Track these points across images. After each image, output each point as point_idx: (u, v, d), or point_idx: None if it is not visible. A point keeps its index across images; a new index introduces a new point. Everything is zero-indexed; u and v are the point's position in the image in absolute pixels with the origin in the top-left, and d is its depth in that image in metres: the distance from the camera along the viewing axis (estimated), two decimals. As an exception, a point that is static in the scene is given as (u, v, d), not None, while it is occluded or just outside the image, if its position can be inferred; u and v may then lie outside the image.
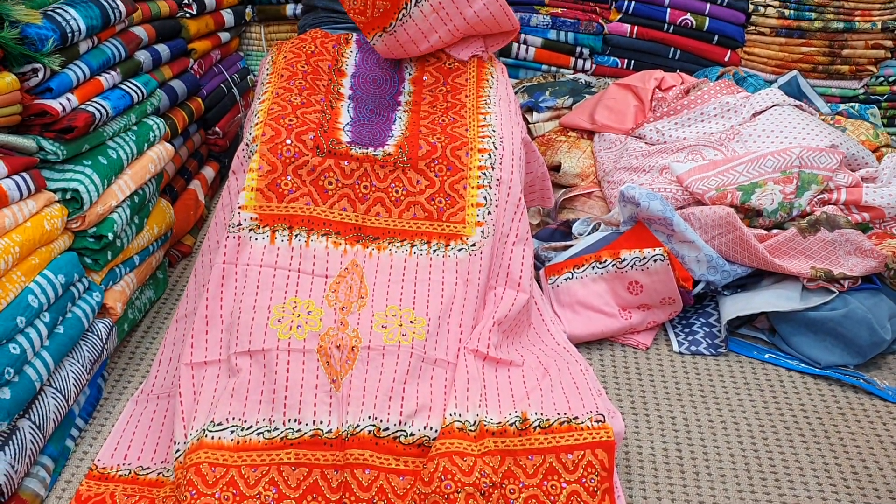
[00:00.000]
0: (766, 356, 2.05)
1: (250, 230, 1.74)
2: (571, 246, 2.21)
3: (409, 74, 2.08)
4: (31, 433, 1.46)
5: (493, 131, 1.92)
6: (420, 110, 1.98)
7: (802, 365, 2.01)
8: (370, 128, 1.91)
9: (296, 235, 1.76)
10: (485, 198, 1.85)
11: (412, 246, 1.80)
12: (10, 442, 1.41)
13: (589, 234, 2.24)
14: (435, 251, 1.79)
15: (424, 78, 2.08)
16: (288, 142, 1.81)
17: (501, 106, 2.02)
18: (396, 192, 1.85)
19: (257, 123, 1.85)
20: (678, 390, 1.92)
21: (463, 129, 1.92)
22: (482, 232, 1.82)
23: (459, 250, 1.80)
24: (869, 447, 1.78)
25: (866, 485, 1.68)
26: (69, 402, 1.58)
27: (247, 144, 1.85)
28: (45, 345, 1.52)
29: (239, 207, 1.76)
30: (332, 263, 1.74)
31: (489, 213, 1.84)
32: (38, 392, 1.50)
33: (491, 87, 2.05)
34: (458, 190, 1.86)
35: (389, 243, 1.80)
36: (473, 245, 1.80)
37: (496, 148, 1.88)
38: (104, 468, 1.58)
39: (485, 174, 1.87)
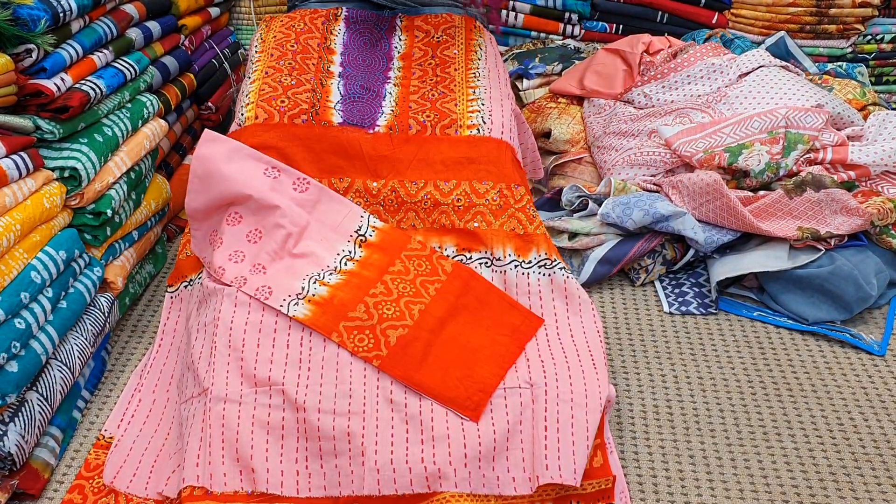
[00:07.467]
0: (755, 314, 2.09)
1: None
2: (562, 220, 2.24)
3: (399, 51, 2.09)
4: (39, 405, 1.51)
5: (483, 105, 1.94)
6: (409, 85, 2.00)
7: (790, 321, 2.05)
8: (360, 105, 1.93)
9: None
10: None
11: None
12: (20, 413, 1.46)
13: (576, 207, 2.26)
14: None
15: (414, 53, 2.09)
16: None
17: (491, 78, 2.04)
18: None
19: (249, 104, 1.86)
20: (668, 349, 1.96)
21: (452, 105, 1.93)
22: None
23: None
24: (854, 399, 1.83)
25: (851, 435, 1.73)
26: (75, 374, 1.62)
27: (239, 125, 1.87)
28: (50, 319, 1.56)
29: None
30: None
31: None
32: (44, 365, 1.54)
33: (480, 59, 2.06)
34: None
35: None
36: None
37: (485, 122, 1.90)
38: (111, 437, 1.63)
39: None
